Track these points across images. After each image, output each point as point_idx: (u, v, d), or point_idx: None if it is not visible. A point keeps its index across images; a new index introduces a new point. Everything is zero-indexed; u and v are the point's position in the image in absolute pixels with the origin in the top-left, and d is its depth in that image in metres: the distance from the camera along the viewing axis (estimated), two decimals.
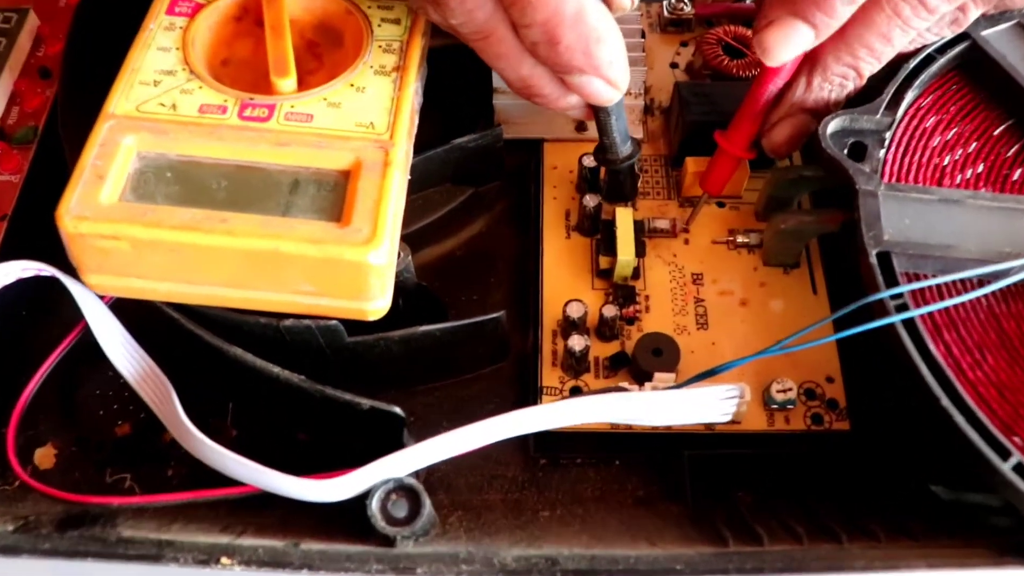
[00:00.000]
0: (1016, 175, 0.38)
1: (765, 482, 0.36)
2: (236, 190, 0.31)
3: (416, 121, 0.36)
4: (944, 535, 0.34)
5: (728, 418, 0.35)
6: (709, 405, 0.34)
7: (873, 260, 0.34)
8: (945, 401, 0.31)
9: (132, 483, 0.36)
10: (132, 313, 0.36)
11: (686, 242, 0.41)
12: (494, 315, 0.36)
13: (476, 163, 0.41)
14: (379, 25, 0.36)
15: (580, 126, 0.44)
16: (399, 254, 0.35)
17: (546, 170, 0.43)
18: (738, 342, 0.38)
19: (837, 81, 0.37)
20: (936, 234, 0.35)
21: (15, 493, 0.35)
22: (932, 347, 0.32)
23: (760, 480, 0.36)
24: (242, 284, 0.32)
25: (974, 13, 0.37)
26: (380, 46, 0.36)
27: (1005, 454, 0.31)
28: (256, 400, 0.37)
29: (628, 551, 0.34)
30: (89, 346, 0.36)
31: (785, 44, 0.35)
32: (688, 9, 0.48)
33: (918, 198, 0.36)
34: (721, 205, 0.42)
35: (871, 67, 0.37)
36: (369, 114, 0.33)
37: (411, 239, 0.40)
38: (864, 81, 0.38)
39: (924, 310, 0.33)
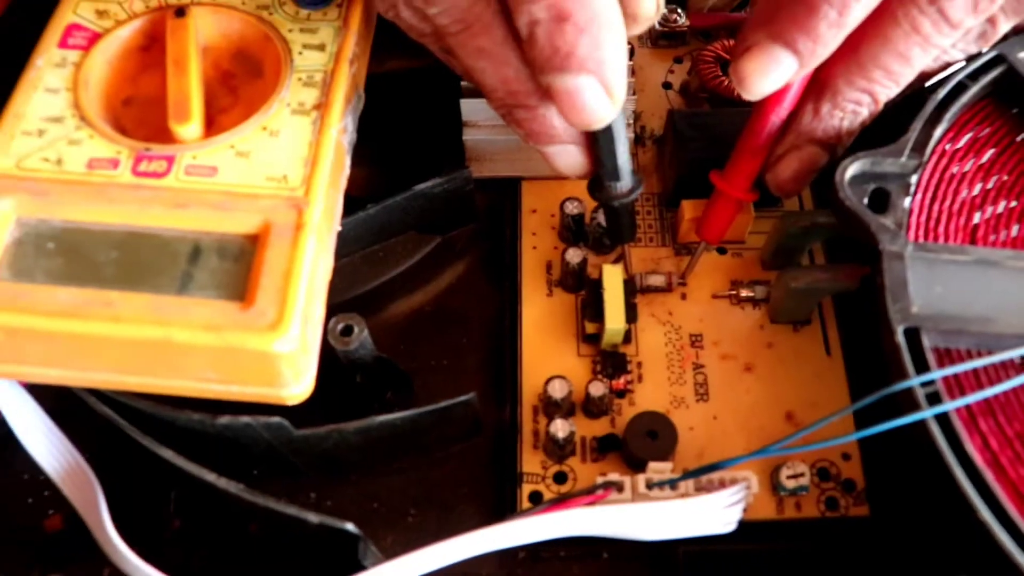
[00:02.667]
0: None
1: None
2: (127, 263, 0.27)
3: (346, 163, 0.32)
4: None
5: (733, 527, 0.30)
6: (711, 515, 0.30)
7: (900, 339, 0.29)
8: (984, 514, 0.26)
9: None
10: (55, 397, 0.32)
11: (683, 297, 0.37)
12: (463, 398, 0.32)
13: (443, 209, 0.37)
14: (300, 53, 0.32)
15: None
16: (353, 328, 0.31)
17: (524, 214, 0.39)
18: (743, 415, 0.34)
19: (850, 108, 0.32)
20: (973, 304, 0.30)
21: None
22: (967, 443, 0.28)
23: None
24: (139, 371, 0.28)
25: (1004, 26, 0.32)
26: (300, 79, 0.31)
27: None
28: (200, 498, 0.34)
29: None
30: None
31: (764, 75, 0.31)
32: (682, 20, 0.44)
33: (951, 260, 0.31)
34: (722, 252, 0.38)
35: (888, 91, 0.32)
36: (282, 165, 0.29)
37: (371, 296, 0.36)
38: (880, 107, 0.33)
39: (961, 402, 0.28)
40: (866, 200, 0.32)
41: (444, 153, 0.38)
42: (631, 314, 0.35)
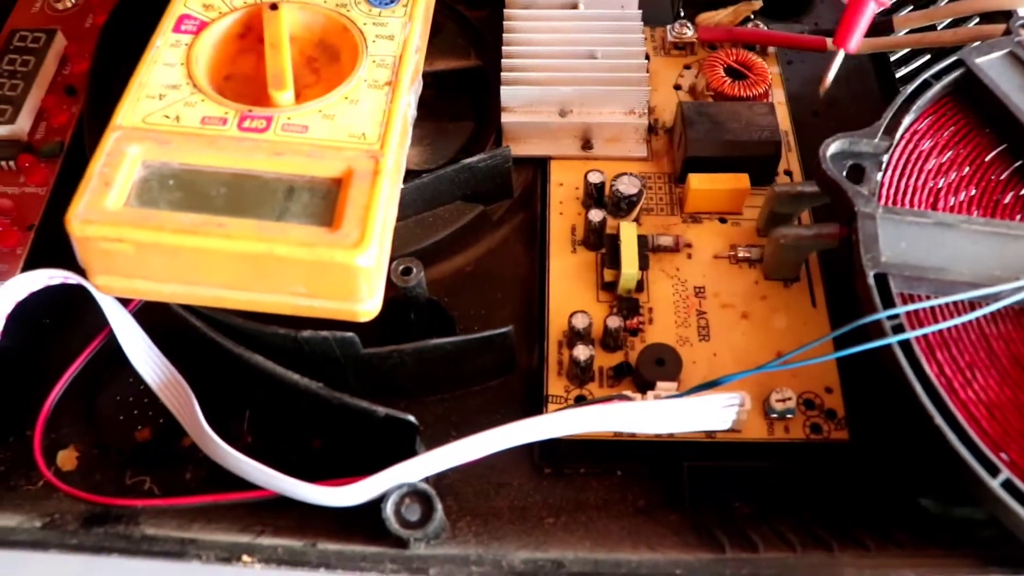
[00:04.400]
0: (1007, 199, 0.40)
1: (762, 492, 0.38)
2: (234, 196, 0.35)
3: (410, 132, 0.39)
4: (932, 546, 0.35)
5: (728, 426, 0.37)
6: (710, 413, 0.36)
7: (871, 281, 0.36)
8: (938, 419, 0.33)
9: (152, 485, 0.39)
10: (155, 321, 0.39)
11: (689, 256, 0.44)
12: (503, 330, 0.38)
13: (485, 182, 0.44)
14: (373, 41, 0.40)
15: (586, 144, 0.47)
16: (412, 269, 0.38)
17: (552, 187, 0.46)
18: (739, 354, 0.41)
19: None
20: (931, 257, 0.37)
21: (39, 492, 0.39)
22: (926, 367, 0.34)
23: (757, 491, 0.38)
24: (240, 285, 0.35)
25: None
26: (374, 61, 0.39)
27: (994, 471, 0.33)
28: (272, 407, 0.41)
29: (630, 556, 0.36)
30: (110, 354, 0.40)
31: None
32: (691, 33, 0.51)
33: (914, 221, 0.38)
34: (723, 221, 0.45)
35: None
36: (361, 125, 0.36)
37: (422, 255, 0.42)
38: None
39: (919, 332, 0.35)
40: (844, 173, 0.39)
41: (487, 134, 0.46)
42: (644, 262, 0.42)
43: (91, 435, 0.41)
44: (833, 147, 0.39)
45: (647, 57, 0.48)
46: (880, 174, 0.40)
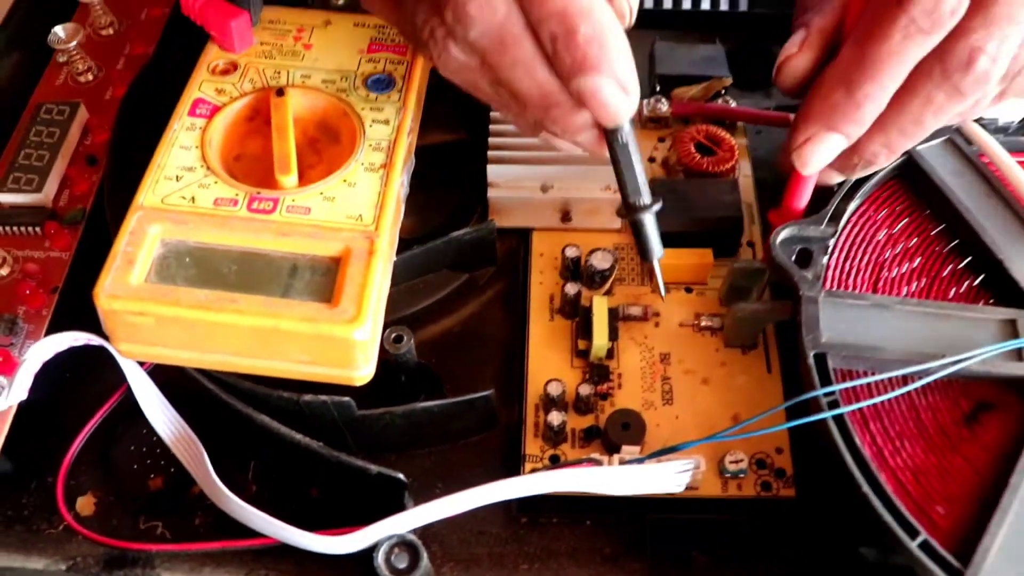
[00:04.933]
0: (944, 275, 0.45)
1: (719, 544, 0.42)
2: (244, 273, 0.39)
3: (402, 209, 0.43)
4: None
5: (682, 489, 0.41)
6: (665, 478, 0.41)
7: (810, 361, 0.41)
8: (865, 488, 0.37)
9: (163, 530, 0.43)
10: (168, 380, 0.43)
11: (656, 325, 0.48)
12: (483, 393, 0.43)
13: (470, 252, 0.48)
14: (370, 125, 0.44)
15: (565, 216, 0.51)
16: (403, 337, 0.43)
17: (534, 257, 0.50)
18: (699, 417, 0.45)
19: (867, 156, 0.43)
20: (868, 337, 0.42)
21: (60, 536, 0.43)
22: (858, 439, 0.39)
23: (714, 542, 0.42)
24: (249, 353, 0.39)
25: (1009, 96, 0.42)
26: (371, 145, 0.43)
27: (914, 534, 0.37)
28: (275, 461, 0.45)
29: None
30: (126, 408, 0.44)
31: (822, 156, 0.42)
32: (665, 108, 0.55)
33: (853, 304, 0.43)
34: (688, 291, 0.49)
35: (902, 146, 0.42)
36: (358, 207, 0.41)
37: (412, 319, 0.47)
38: (895, 157, 0.43)
39: (849, 408, 0.40)
40: (793, 257, 0.44)
41: (473, 206, 0.50)
42: (613, 334, 0.46)
43: (108, 482, 0.45)
44: (783, 234, 0.44)
45: None
46: (826, 257, 0.44)
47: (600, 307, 0.46)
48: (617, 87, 0.37)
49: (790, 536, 0.42)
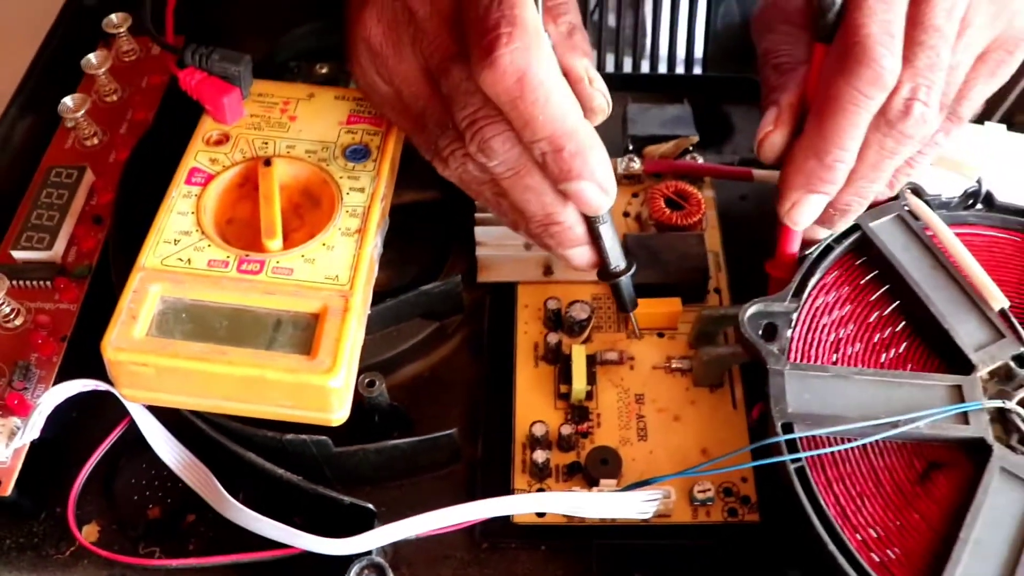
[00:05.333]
0: (900, 349, 0.50)
1: (660, 566, 0.47)
2: (233, 328, 0.44)
3: (375, 268, 0.49)
4: None
5: (650, 515, 0.46)
6: (633, 505, 0.46)
7: (778, 430, 0.45)
8: (831, 547, 0.42)
9: (160, 555, 0.48)
10: (166, 420, 0.48)
11: (631, 368, 0.53)
12: (447, 432, 0.48)
13: (440, 303, 0.54)
14: (348, 193, 0.50)
15: (547, 270, 0.56)
16: (375, 382, 0.48)
17: (519, 308, 0.56)
18: (671, 451, 0.50)
19: (842, 207, 0.49)
20: (829, 405, 0.46)
21: (67, 561, 0.48)
22: (822, 501, 0.43)
23: (656, 565, 0.47)
24: (238, 399, 0.45)
25: (955, 130, 0.50)
26: (347, 211, 0.49)
27: None
28: (261, 492, 0.49)
29: None
30: (126, 443, 0.49)
31: (809, 214, 0.48)
32: (638, 166, 0.60)
33: (816, 375, 0.47)
34: (660, 336, 0.54)
35: (872, 189, 0.48)
36: (335, 268, 0.46)
37: (386, 365, 0.52)
38: (868, 202, 0.49)
39: (807, 453, 0.45)
40: (760, 332, 0.49)
41: (443, 259, 0.56)
42: (591, 378, 0.52)
43: (110, 511, 0.50)
44: (751, 310, 0.49)
45: None
46: (790, 330, 0.49)
47: (579, 354, 0.52)
48: (597, 188, 0.45)
49: (755, 559, 0.47)
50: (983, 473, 0.44)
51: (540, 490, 0.49)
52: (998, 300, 0.49)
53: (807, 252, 0.51)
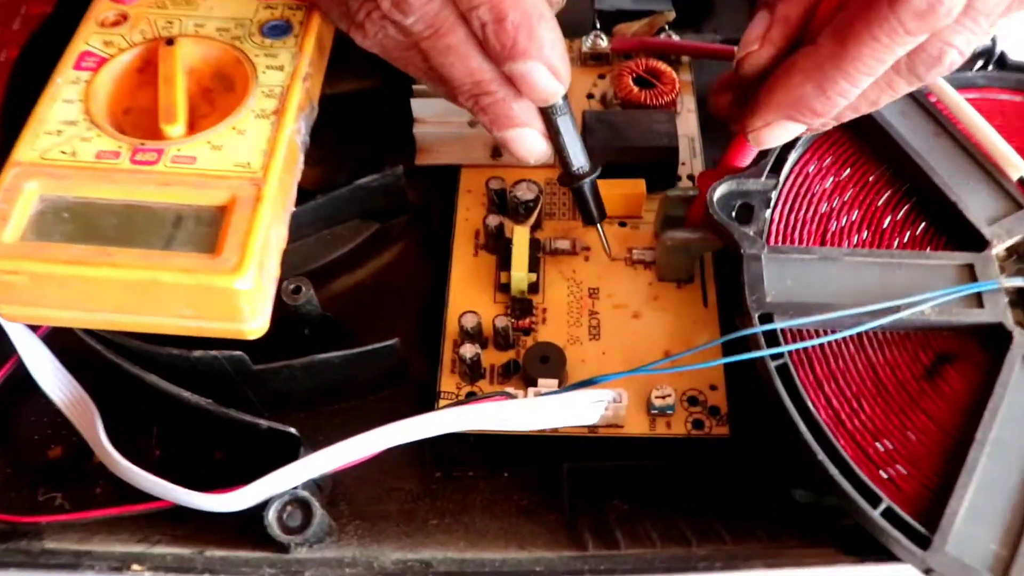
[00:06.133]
0: (887, 223, 0.43)
1: (639, 490, 0.41)
2: (124, 227, 0.37)
3: (299, 157, 0.41)
4: (790, 536, 0.38)
5: (596, 421, 0.40)
6: (578, 409, 0.39)
7: (755, 321, 0.39)
8: (821, 456, 0.36)
9: (62, 501, 0.42)
10: (65, 345, 0.42)
11: (586, 259, 0.47)
12: (388, 342, 0.41)
13: (380, 200, 0.47)
14: (264, 72, 0.42)
15: (495, 152, 0.49)
16: (301, 288, 0.41)
17: (461, 194, 0.49)
18: (628, 352, 0.44)
19: (815, 128, 0.41)
20: (816, 292, 0.40)
21: None
22: (811, 402, 0.37)
23: (634, 489, 0.41)
24: (132, 310, 0.37)
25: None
26: (263, 91, 0.41)
27: (875, 501, 0.36)
28: (175, 423, 0.43)
29: (497, 555, 0.39)
30: (24, 377, 0.42)
31: (778, 139, 0.41)
32: (605, 44, 0.54)
33: (799, 259, 0.41)
34: (623, 224, 0.48)
35: (849, 116, 0.41)
36: (247, 155, 0.39)
37: (321, 272, 0.46)
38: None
39: (790, 352, 0.39)
40: (734, 213, 0.42)
41: (384, 153, 0.49)
42: (533, 264, 0.45)
43: (5, 455, 0.43)
44: (720, 189, 0.42)
45: None
46: (768, 211, 0.42)
47: (520, 238, 0.45)
48: (547, 71, 0.38)
49: (722, 479, 0.41)
50: (1002, 364, 0.39)
51: (470, 393, 0.43)
52: (1016, 167, 0.43)
53: None
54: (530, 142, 0.41)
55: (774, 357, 0.38)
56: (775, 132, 0.41)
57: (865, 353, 0.40)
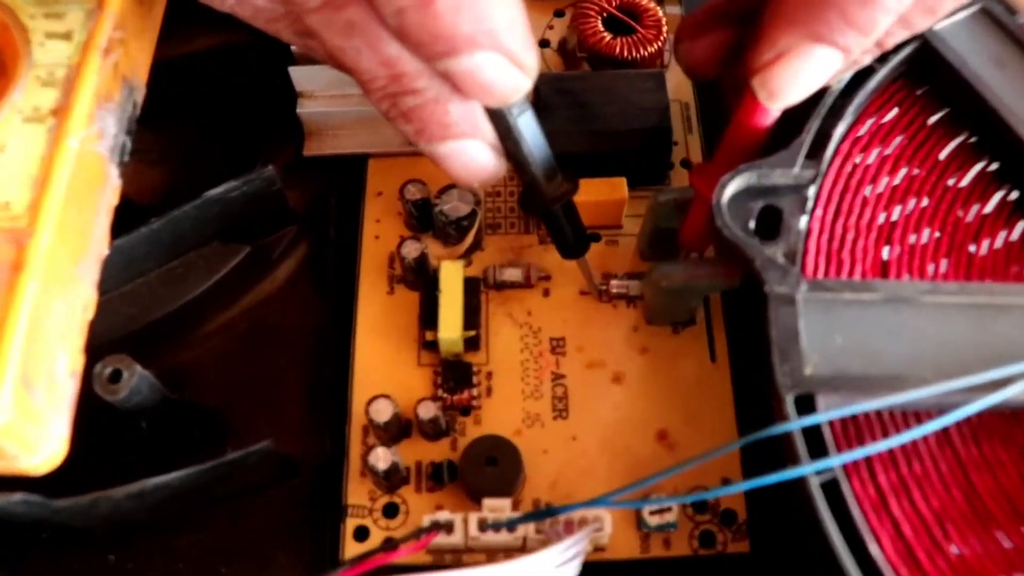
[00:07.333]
0: (1006, 235, 0.29)
1: None
2: None
3: (112, 175, 0.28)
4: None
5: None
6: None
7: (789, 409, 0.25)
8: None
9: None
10: None
11: (545, 293, 0.34)
12: (257, 447, 0.29)
13: (248, 214, 0.33)
14: (41, 44, 0.28)
15: None
16: (121, 373, 0.28)
17: (368, 198, 0.35)
18: (607, 435, 0.31)
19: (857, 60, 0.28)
20: (882, 356, 0.26)
21: None
22: (870, 534, 0.24)
23: None
24: None
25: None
26: (38, 76, 0.27)
27: None
28: None
29: None
30: None
31: (802, 82, 0.27)
32: None
33: (855, 300, 0.27)
34: (596, 239, 0.34)
35: (902, 37, 0.28)
36: (5, 187, 0.25)
37: (173, 319, 0.33)
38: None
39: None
40: (752, 223, 0.28)
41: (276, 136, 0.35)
42: (471, 320, 0.32)
43: None
44: (733, 186, 0.28)
45: None
46: (805, 218, 0.28)
47: (451, 279, 0.32)
48: (505, 62, 0.24)
49: None
50: None
51: (389, 506, 0.30)
52: None
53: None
54: (475, 158, 0.28)
55: (820, 472, 0.25)
56: (795, 68, 0.27)
57: (953, 448, 0.26)
